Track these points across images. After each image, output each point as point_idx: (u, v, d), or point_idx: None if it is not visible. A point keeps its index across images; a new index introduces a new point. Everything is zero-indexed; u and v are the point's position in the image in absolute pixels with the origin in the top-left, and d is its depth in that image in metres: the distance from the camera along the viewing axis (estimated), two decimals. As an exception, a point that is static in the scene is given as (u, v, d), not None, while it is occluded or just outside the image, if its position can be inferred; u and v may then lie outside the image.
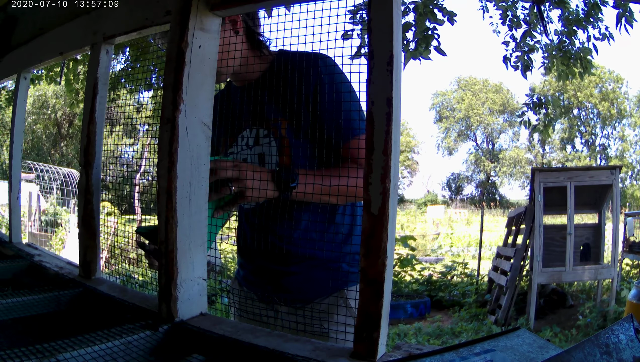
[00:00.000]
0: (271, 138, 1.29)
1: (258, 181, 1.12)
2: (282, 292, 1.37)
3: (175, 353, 1.06)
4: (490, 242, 11.98)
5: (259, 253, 1.36)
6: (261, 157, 1.31)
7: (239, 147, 1.36)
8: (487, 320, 5.64)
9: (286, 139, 1.26)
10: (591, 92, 28.12)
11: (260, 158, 1.31)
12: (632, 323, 0.76)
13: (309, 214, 1.30)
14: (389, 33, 0.92)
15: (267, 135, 1.30)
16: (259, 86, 1.31)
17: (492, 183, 33.35)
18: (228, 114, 1.37)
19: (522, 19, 4.71)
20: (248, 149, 1.34)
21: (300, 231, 1.32)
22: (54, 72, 5.68)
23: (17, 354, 0.89)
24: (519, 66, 4.79)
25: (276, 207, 1.24)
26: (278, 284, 1.37)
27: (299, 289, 1.32)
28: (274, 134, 1.28)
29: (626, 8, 4.19)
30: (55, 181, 11.50)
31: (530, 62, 4.76)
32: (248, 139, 1.35)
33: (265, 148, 1.30)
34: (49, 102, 22.77)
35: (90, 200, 1.54)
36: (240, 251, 1.50)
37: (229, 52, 1.22)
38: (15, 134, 2.17)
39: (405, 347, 0.96)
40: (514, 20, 4.73)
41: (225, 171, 1.13)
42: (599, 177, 5.69)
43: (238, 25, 1.30)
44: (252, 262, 1.45)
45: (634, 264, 7.40)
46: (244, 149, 1.35)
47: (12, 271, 1.78)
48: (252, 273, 1.47)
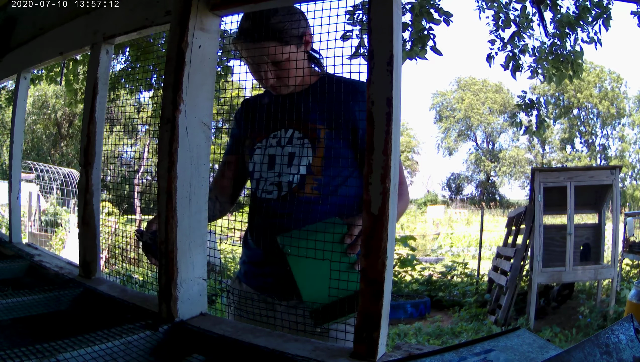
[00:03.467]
0: (305, 140, 1.42)
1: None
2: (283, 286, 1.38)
3: (175, 353, 1.06)
4: (490, 242, 11.97)
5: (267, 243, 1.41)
6: (291, 155, 1.43)
7: (269, 143, 1.48)
8: (487, 320, 5.63)
9: (323, 142, 1.40)
10: (591, 92, 28.10)
11: (290, 156, 1.44)
12: (632, 323, 0.76)
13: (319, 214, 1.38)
14: (389, 33, 0.92)
15: (302, 138, 1.43)
16: (303, 95, 1.45)
17: (492, 183, 33.33)
18: (264, 114, 1.50)
19: (511, 20, 4.73)
20: (279, 147, 1.46)
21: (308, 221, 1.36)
22: (54, 72, 5.68)
23: (17, 354, 0.89)
24: (509, 66, 4.82)
25: (291, 202, 1.38)
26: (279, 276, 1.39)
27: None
28: (310, 137, 1.41)
29: (606, 10, 4.25)
30: (55, 181, 11.50)
31: (520, 64, 4.80)
32: (281, 138, 1.46)
33: (297, 148, 1.43)
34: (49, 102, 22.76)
35: (90, 200, 1.54)
36: (246, 243, 1.55)
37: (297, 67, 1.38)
38: (15, 134, 2.17)
39: (405, 347, 0.96)
40: (506, 21, 4.75)
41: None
42: (599, 177, 5.69)
43: (310, 46, 1.45)
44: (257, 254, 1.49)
45: (634, 264, 7.40)
46: (273, 146, 1.46)
47: (12, 271, 1.79)
48: (255, 265, 1.49)
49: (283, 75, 1.39)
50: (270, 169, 1.46)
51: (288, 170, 1.43)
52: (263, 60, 1.36)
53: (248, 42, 1.35)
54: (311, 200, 1.40)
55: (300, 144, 1.43)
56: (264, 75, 1.39)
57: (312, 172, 1.41)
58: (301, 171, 1.41)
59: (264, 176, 1.47)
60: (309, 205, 1.40)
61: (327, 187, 1.39)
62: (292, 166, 1.42)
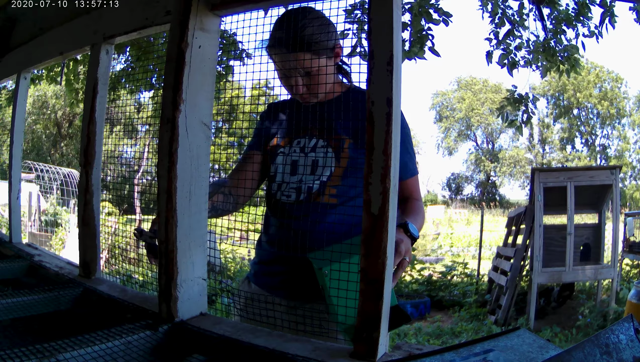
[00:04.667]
0: (328, 149, 1.45)
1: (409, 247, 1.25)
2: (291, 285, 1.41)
3: (175, 353, 1.06)
4: (490, 242, 11.97)
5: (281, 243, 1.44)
6: (315, 162, 1.46)
7: (292, 149, 1.50)
8: (487, 320, 5.63)
9: (347, 152, 1.42)
10: (591, 92, 28.10)
11: (314, 163, 1.46)
12: (632, 323, 0.76)
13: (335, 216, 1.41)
14: (389, 33, 0.92)
15: (325, 147, 1.45)
16: (329, 105, 1.46)
17: (492, 183, 33.32)
18: (290, 119, 1.53)
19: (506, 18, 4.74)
20: (303, 153, 1.49)
21: (325, 224, 1.40)
22: (54, 72, 5.67)
23: (17, 354, 0.89)
24: (505, 64, 4.83)
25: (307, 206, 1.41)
26: (288, 274, 1.42)
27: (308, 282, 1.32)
28: (334, 147, 1.44)
29: (610, 8, 4.24)
30: (55, 181, 11.49)
31: (516, 60, 4.81)
32: (305, 146, 1.49)
33: (320, 157, 1.45)
34: (49, 102, 22.75)
35: (90, 200, 1.54)
36: (260, 244, 1.57)
37: (327, 79, 1.41)
38: (15, 134, 2.17)
39: (405, 347, 0.96)
40: (501, 19, 4.76)
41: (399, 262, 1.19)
42: (599, 177, 5.69)
43: (339, 57, 1.48)
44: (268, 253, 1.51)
45: (634, 264, 7.39)
46: (297, 152, 1.49)
47: (12, 271, 1.78)
48: (265, 264, 1.51)
49: (313, 85, 1.41)
50: (292, 174, 1.48)
51: (310, 177, 1.45)
52: (295, 70, 1.38)
53: (282, 52, 1.36)
54: (328, 205, 1.42)
55: (324, 152, 1.45)
56: (294, 83, 1.40)
57: (332, 180, 1.43)
58: (322, 179, 1.44)
59: (285, 180, 1.49)
60: (325, 209, 1.42)
61: (345, 196, 1.41)
62: (315, 175, 1.45)
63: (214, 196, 1.47)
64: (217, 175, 1.65)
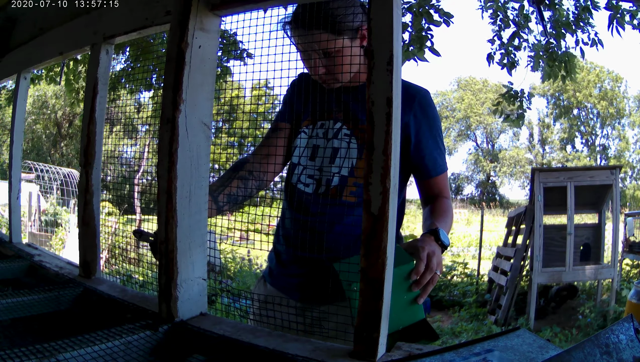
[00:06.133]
0: (352, 139, 1.36)
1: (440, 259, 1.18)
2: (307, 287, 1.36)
3: (175, 353, 1.06)
4: (490, 242, 11.97)
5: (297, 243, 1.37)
6: (335, 150, 1.36)
7: (315, 131, 1.40)
8: (487, 320, 5.64)
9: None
10: (590, 92, 28.10)
11: (334, 152, 1.36)
12: (632, 323, 0.76)
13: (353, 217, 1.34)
14: (389, 33, 0.92)
15: (349, 136, 1.36)
16: (357, 92, 1.37)
17: (492, 183, 33.33)
18: (317, 97, 1.41)
19: (511, 20, 4.75)
20: (324, 139, 1.38)
21: (342, 226, 1.33)
22: (54, 72, 5.68)
23: (17, 354, 0.89)
24: (505, 63, 4.85)
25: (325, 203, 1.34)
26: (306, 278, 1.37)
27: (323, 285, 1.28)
28: (359, 137, 1.35)
29: (618, 10, 4.21)
30: (55, 181, 11.49)
31: (515, 60, 4.83)
32: (329, 130, 1.39)
33: (344, 145, 1.36)
34: (49, 102, 22.76)
35: (90, 200, 1.54)
36: (277, 237, 1.50)
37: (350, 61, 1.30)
38: (15, 134, 2.17)
39: (405, 347, 0.96)
40: (505, 21, 4.76)
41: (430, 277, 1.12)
42: (599, 177, 5.69)
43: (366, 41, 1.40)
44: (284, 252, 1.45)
45: (634, 264, 7.39)
46: (320, 136, 1.39)
47: (12, 271, 1.78)
48: (282, 265, 1.46)
49: (332, 67, 1.30)
50: (311, 159, 1.39)
51: (329, 166, 1.36)
52: (313, 49, 1.28)
53: (299, 29, 1.28)
54: (346, 204, 1.34)
55: (347, 141, 1.36)
56: (313, 64, 1.31)
57: (354, 175, 1.35)
58: (342, 172, 1.35)
59: (302, 163, 1.40)
60: (343, 208, 1.34)
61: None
62: (334, 166, 1.36)
63: (233, 182, 1.38)
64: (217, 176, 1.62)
